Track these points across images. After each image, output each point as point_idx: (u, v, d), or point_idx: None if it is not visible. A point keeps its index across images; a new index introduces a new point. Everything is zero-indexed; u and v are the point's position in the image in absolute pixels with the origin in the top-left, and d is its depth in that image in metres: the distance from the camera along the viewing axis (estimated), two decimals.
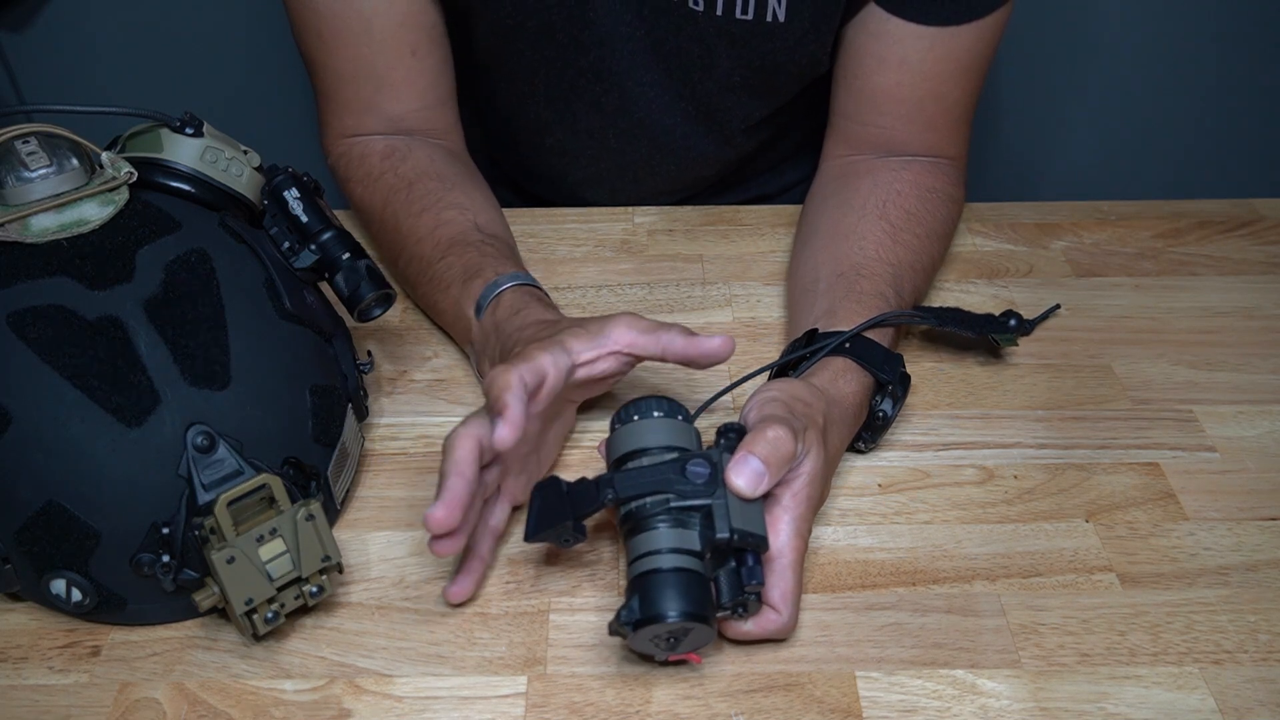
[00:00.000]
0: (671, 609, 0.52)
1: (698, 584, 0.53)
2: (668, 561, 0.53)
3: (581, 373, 0.63)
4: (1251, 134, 1.33)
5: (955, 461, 0.69)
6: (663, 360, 0.63)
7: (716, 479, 0.54)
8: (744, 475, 0.54)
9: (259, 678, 0.56)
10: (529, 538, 0.56)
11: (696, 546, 0.53)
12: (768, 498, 0.57)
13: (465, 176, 0.83)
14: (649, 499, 0.54)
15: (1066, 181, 1.38)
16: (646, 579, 0.53)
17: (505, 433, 0.54)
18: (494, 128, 0.98)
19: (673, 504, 0.54)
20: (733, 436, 0.57)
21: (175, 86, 1.28)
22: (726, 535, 0.53)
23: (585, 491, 0.56)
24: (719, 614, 0.54)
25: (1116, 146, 1.35)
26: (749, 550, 0.54)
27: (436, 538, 0.55)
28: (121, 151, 0.62)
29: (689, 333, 0.62)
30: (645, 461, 0.56)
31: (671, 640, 0.53)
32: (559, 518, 0.55)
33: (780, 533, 0.56)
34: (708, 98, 0.86)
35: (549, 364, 0.60)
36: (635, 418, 0.58)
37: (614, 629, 0.53)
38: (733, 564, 0.54)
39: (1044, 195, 1.21)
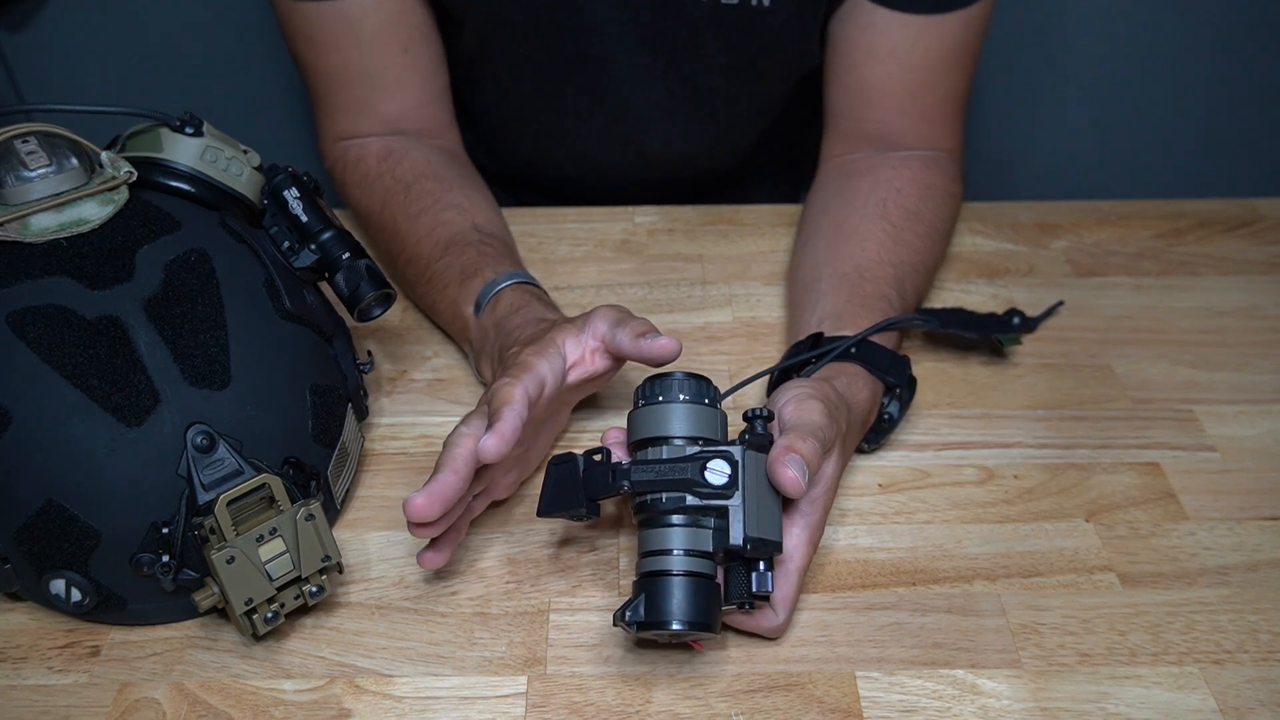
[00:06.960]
0: (676, 618, 0.52)
1: (705, 590, 0.53)
2: (678, 564, 0.53)
3: (574, 375, 0.63)
4: (1251, 134, 1.33)
5: (955, 461, 0.69)
6: (624, 358, 0.63)
7: (737, 480, 0.53)
8: (789, 473, 0.53)
9: (259, 678, 0.56)
10: (541, 513, 0.57)
11: (709, 547, 0.53)
12: (787, 503, 0.57)
13: (463, 176, 0.83)
14: (665, 495, 0.54)
15: (1067, 181, 1.38)
16: (655, 581, 0.53)
17: (493, 445, 0.54)
18: (476, 116, 0.98)
19: (689, 502, 0.53)
20: (759, 426, 0.55)
21: (175, 86, 1.28)
22: (740, 543, 0.52)
23: (601, 476, 0.55)
24: (721, 607, 0.54)
25: (1117, 146, 1.34)
26: (762, 557, 0.53)
27: (421, 534, 0.56)
28: (121, 151, 0.62)
29: (640, 335, 0.61)
30: (665, 452, 0.55)
31: (674, 637, 0.54)
32: (573, 502, 0.56)
33: (794, 537, 0.56)
34: (694, 77, 0.86)
35: (546, 371, 0.60)
36: (660, 398, 0.56)
37: (618, 621, 0.53)
38: (742, 563, 0.54)
39: (1045, 195, 1.20)
